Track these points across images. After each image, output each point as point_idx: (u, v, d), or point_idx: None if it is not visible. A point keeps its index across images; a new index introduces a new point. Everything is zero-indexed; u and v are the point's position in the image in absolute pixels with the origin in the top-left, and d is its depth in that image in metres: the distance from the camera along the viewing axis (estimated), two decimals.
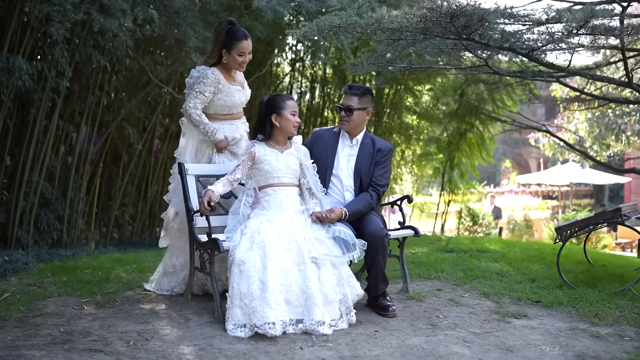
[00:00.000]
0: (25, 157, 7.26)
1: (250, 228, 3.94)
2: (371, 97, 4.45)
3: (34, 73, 6.75)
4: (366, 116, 4.41)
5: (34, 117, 7.23)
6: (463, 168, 10.70)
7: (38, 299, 4.42)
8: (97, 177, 8.56)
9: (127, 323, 3.89)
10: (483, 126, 10.29)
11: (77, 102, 7.85)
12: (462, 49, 5.60)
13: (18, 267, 5.45)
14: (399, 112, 10.84)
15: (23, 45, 6.78)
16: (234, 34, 4.45)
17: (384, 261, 4.16)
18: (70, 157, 8.03)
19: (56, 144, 7.76)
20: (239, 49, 4.44)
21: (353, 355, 3.41)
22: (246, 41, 4.47)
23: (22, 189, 7.26)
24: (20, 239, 7.34)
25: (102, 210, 9.03)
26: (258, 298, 3.66)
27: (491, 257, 6.19)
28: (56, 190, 7.80)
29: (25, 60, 6.57)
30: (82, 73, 7.84)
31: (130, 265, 5.68)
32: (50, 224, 7.71)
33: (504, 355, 3.44)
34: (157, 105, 8.65)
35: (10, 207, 7.34)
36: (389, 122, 10.86)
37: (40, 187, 7.45)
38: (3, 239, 7.41)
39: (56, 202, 7.79)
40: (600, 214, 4.84)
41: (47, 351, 3.33)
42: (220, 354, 3.37)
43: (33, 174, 7.37)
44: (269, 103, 4.20)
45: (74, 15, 5.22)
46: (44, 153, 7.41)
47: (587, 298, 4.47)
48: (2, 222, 7.45)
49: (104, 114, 8.26)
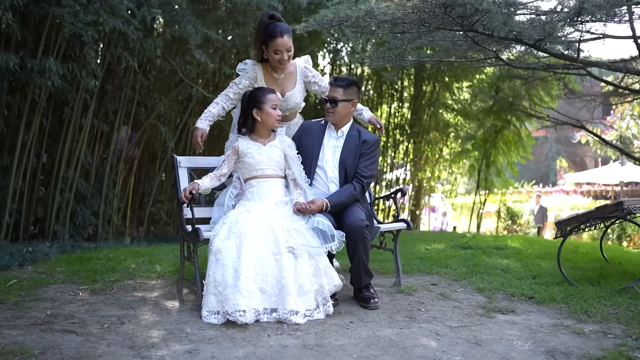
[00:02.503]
0: (61, 155, 7.62)
1: (230, 218, 4.03)
2: (357, 89, 4.43)
3: (66, 74, 7.08)
4: (351, 108, 4.39)
5: (68, 117, 7.58)
6: (500, 166, 10.43)
7: (41, 285, 4.65)
8: (133, 175, 8.85)
9: (112, 308, 4.05)
10: (519, 122, 10.00)
11: (110, 102, 8.16)
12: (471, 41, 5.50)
13: (37, 257, 5.73)
14: (437, 110, 10.69)
15: (56, 47, 7.11)
16: (271, 30, 4.29)
17: (365, 253, 4.14)
18: (110, 156, 8.35)
19: (91, 142, 8.09)
20: (274, 47, 4.30)
21: (316, 344, 3.42)
22: (281, 39, 4.27)
23: (58, 185, 7.62)
24: (57, 233, 7.69)
25: (139, 206, 9.34)
26: (231, 286, 3.73)
27: (504, 254, 6.03)
28: (92, 186, 8.13)
29: (57, 61, 6.90)
30: (115, 73, 8.15)
31: (143, 257, 5.86)
32: (86, 219, 8.04)
33: (470, 349, 3.37)
34: (189, 104, 8.88)
35: (48, 203, 7.72)
36: (427, 120, 10.73)
37: (75, 184, 7.79)
38: (41, 232, 7.81)
39: (92, 198, 8.12)
40: (601, 207, 4.62)
41: (24, 331, 3.51)
42: (185, 339, 3.46)
43: (69, 170, 7.72)
44: (250, 98, 4.27)
45: (84, 16, 5.44)
46: (79, 151, 7.75)
47: (583, 295, 4.30)
48: (40, 217, 7.84)
49: (138, 113, 8.54)
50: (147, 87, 8.51)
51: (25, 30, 6.85)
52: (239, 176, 4.36)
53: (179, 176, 4.47)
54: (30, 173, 7.44)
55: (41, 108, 7.20)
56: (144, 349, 3.27)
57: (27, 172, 7.35)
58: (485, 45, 5.51)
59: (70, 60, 7.25)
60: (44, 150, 7.61)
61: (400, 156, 11.27)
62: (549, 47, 5.13)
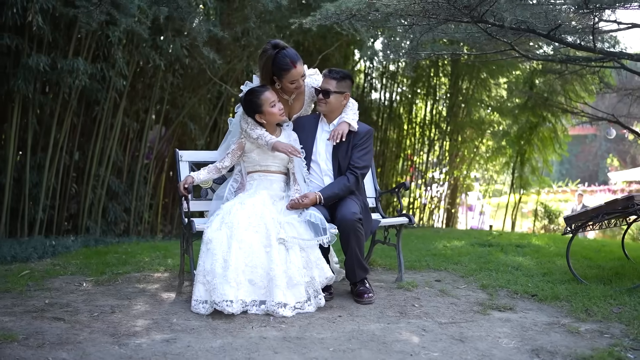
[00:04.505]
0: (93, 152, 7.85)
1: (223, 209, 4.06)
2: (350, 82, 4.38)
3: (95, 73, 7.29)
4: (344, 100, 4.34)
5: (99, 115, 7.80)
6: (535, 164, 10.11)
7: (51, 276, 4.79)
8: (164, 172, 9.03)
9: (109, 299, 4.13)
10: (555, 119, 9.67)
11: (141, 101, 8.35)
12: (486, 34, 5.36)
13: (58, 250, 5.92)
14: (473, 106, 10.48)
15: (85, 47, 7.34)
16: (282, 63, 4.14)
17: (358, 247, 4.08)
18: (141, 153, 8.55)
19: (122, 140, 8.30)
20: (290, 78, 4.19)
21: (297, 337, 3.39)
22: (295, 69, 4.15)
23: (90, 182, 7.86)
24: (89, 229, 7.93)
25: (173, 203, 9.51)
26: (219, 276, 3.75)
27: (522, 252, 5.85)
28: (124, 183, 8.35)
29: (87, 62, 7.12)
30: (145, 73, 8.33)
31: (160, 252, 5.97)
32: (118, 216, 8.26)
33: (451, 345, 3.27)
34: (218, 102, 8.99)
35: (80, 199, 7.97)
36: (463, 117, 10.53)
37: (107, 181, 8.02)
38: (74, 228, 8.06)
39: (123, 195, 8.34)
40: (611, 202, 4.40)
41: (17, 318, 3.62)
42: (168, 328, 3.49)
43: (100, 168, 7.95)
44: (247, 106, 4.24)
45: (97, 16, 5.59)
46: (111, 148, 7.98)
47: (589, 293, 4.12)
48: (73, 213, 8.10)
49: (168, 112, 8.71)
50: (177, 86, 8.67)
51: (57, 32, 7.09)
52: (240, 169, 4.39)
53: (180, 170, 4.52)
54: (63, 170, 7.70)
55: (72, 107, 7.45)
56: (125, 337, 3.33)
57: (60, 170, 7.61)
58: (499, 36, 5.36)
59: (100, 61, 7.47)
60: (76, 148, 7.86)
61: (436, 154, 11.10)
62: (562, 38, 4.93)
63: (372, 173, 4.99)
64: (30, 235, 7.34)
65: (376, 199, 4.94)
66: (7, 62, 7.02)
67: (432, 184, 11.33)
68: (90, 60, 7.37)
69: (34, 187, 7.39)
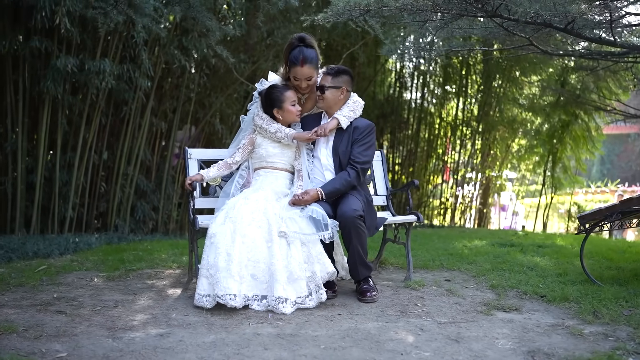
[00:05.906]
0: (122, 152, 8.01)
1: (228, 204, 4.09)
2: (348, 78, 4.33)
3: (122, 74, 7.44)
4: (341, 95, 4.30)
5: (127, 115, 7.95)
6: (567, 163, 9.82)
7: (66, 272, 4.90)
8: None
9: (115, 294, 4.20)
10: (588, 117, 9.38)
11: (168, 100, 8.47)
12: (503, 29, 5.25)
13: (79, 247, 6.05)
14: (505, 104, 10.27)
15: (112, 49, 7.49)
16: (294, 57, 4.23)
17: (360, 244, 4.03)
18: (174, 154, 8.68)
19: (150, 140, 8.44)
20: (294, 73, 4.27)
21: (291, 334, 3.38)
22: (300, 68, 4.22)
23: (118, 181, 8.01)
24: (118, 227, 8.09)
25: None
26: (223, 269, 3.77)
27: (542, 252, 5.69)
28: (152, 182, 8.49)
29: (114, 63, 7.26)
30: (173, 73, 8.45)
31: (178, 249, 6.03)
32: (146, 214, 8.39)
33: (445, 345, 3.20)
34: (244, 102, 9.05)
35: (109, 198, 8.14)
36: (494, 115, 10.34)
37: (135, 179, 8.17)
38: (104, 226, 8.24)
39: (152, 194, 8.48)
40: (626, 201, 4.24)
41: (22, 310, 3.71)
42: (165, 323, 3.53)
43: (129, 167, 8.10)
44: (269, 98, 4.30)
45: (115, 16, 5.68)
46: (139, 148, 8.12)
47: (600, 295, 3.98)
48: (102, 211, 8.28)
49: (195, 111, 8.82)
50: (204, 86, 8.76)
51: (85, 34, 7.25)
52: (247, 165, 4.42)
53: (189, 167, 4.57)
54: (92, 169, 7.88)
55: (100, 107, 7.60)
56: (121, 330, 3.38)
57: (89, 169, 7.78)
58: (517, 31, 5.23)
59: (126, 62, 7.61)
60: (105, 147, 8.03)
61: (468, 153, 10.92)
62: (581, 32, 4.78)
63: (383, 171, 4.94)
64: (60, 233, 7.52)
65: (387, 197, 4.88)
66: (38, 64, 7.23)
67: (464, 183, 11.15)
68: (118, 61, 7.51)
69: (63, 186, 7.58)
